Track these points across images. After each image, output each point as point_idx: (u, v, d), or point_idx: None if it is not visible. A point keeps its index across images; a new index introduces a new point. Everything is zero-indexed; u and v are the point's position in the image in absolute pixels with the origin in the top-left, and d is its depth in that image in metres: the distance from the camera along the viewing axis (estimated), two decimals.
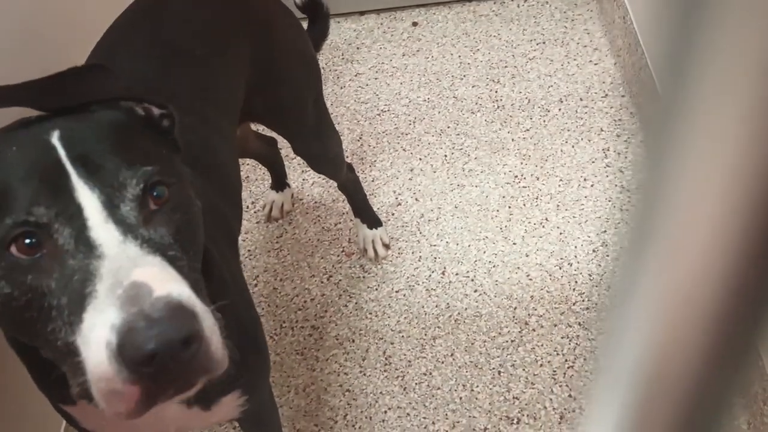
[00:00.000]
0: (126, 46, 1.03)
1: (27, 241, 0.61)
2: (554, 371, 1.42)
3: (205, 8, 1.12)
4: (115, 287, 0.58)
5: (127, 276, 0.59)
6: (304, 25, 1.37)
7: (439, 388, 1.42)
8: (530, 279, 1.55)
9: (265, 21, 1.18)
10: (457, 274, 1.58)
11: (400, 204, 1.73)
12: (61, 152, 0.64)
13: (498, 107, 1.89)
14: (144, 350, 0.56)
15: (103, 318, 0.58)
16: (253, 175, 1.84)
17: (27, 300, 0.61)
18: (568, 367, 1.42)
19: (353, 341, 1.51)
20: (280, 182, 1.73)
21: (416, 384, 1.44)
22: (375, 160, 1.82)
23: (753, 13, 0.14)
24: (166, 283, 0.60)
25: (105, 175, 0.64)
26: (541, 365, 1.43)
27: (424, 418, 1.39)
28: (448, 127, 1.86)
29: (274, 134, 1.52)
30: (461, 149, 1.81)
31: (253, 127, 1.55)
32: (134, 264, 0.60)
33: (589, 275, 1.55)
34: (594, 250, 1.58)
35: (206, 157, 0.98)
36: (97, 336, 0.58)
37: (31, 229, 0.61)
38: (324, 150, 1.41)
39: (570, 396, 1.39)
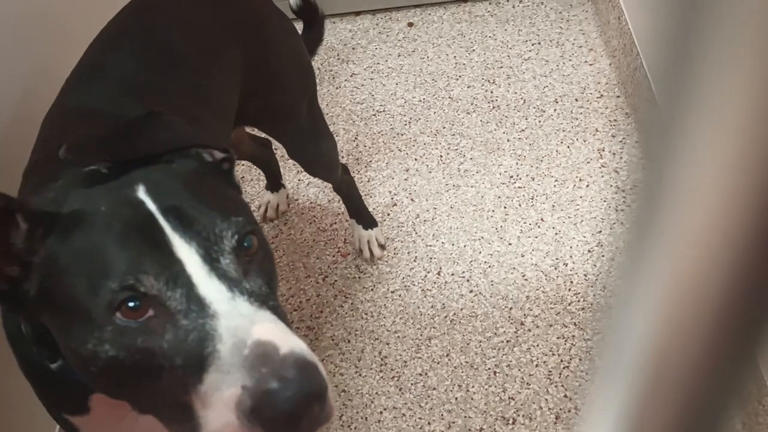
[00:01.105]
0: (119, 48, 1.03)
1: (131, 304, 0.60)
2: (550, 371, 1.42)
3: (198, 10, 1.11)
4: (240, 347, 0.57)
5: (248, 334, 0.58)
6: (298, 28, 1.37)
7: (434, 389, 1.42)
8: (526, 279, 1.56)
9: (259, 23, 1.18)
10: (452, 274, 1.58)
11: (395, 204, 1.73)
12: (152, 206, 0.63)
13: (493, 108, 1.89)
14: (283, 412, 0.56)
15: (231, 379, 0.57)
16: (249, 176, 1.84)
17: (135, 361, 0.60)
18: (564, 368, 1.42)
19: (349, 342, 1.51)
20: (275, 183, 1.73)
21: (412, 384, 1.43)
22: (370, 161, 1.82)
23: (750, 11, 0.14)
24: (286, 338, 0.59)
25: (200, 228, 0.63)
26: (537, 365, 1.43)
27: (420, 418, 1.39)
28: (444, 128, 1.86)
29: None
30: (457, 150, 1.81)
31: (247, 129, 1.54)
32: (250, 321, 0.59)
33: (585, 275, 1.55)
34: (589, 251, 1.59)
35: None
36: (226, 397, 0.57)
37: (135, 293, 0.60)
38: (319, 154, 1.40)
39: (566, 396, 1.39)
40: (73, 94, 0.98)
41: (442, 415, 1.39)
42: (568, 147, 1.78)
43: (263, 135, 1.57)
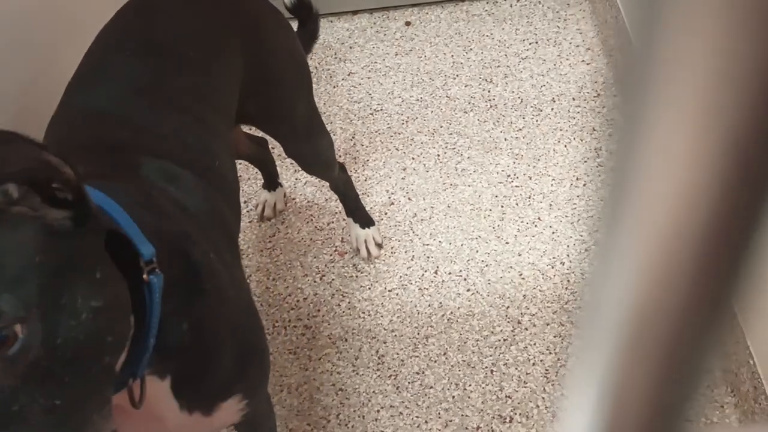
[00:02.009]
0: (120, 49, 1.03)
1: None
2: (547, 370, 1.42)
3: (196, 9, 1.12)
4: None
5: None
6: (293, 26, 1.37)
7: (431, 387, 1.43)
8: (523, 278, 1.56)
9: (255, 22, 1.18)
10: (449, 273, 1.59)
11: (393, 203, 1.73)
12: None
13: (491, 107, 1.89)
14: None
15: None
16: (246, 175, 1.84)
17: None
18: (561, 366, 1.43)
19: (346, 340, 1.51)
20: (272, 182, 1.73)
21: (409, 383, 1.44)
22: (368, 160, 1.82)
23: None
24: None
25: None
26: (534, 364, 1.43)
27: (417, 417, 1.39)
28: (441, 127, 1.86)
29: (264, 134, 1.52)
30: (454, 149, 1.81)
31: (244, 127, 1.54)
32: None
33: (582, 274, 1.55)
34: (586, 249, 1.59)
35: (206, 158, 0.98)
36: None
37: None
38: (315, 152, 1.41)
39: (563, 395, 1.39)
40: (76, 97, 0.99)
41: (439, 413, 1.39)
42: (566, 146, 1.78)
43: (259, 134, 1.57)
